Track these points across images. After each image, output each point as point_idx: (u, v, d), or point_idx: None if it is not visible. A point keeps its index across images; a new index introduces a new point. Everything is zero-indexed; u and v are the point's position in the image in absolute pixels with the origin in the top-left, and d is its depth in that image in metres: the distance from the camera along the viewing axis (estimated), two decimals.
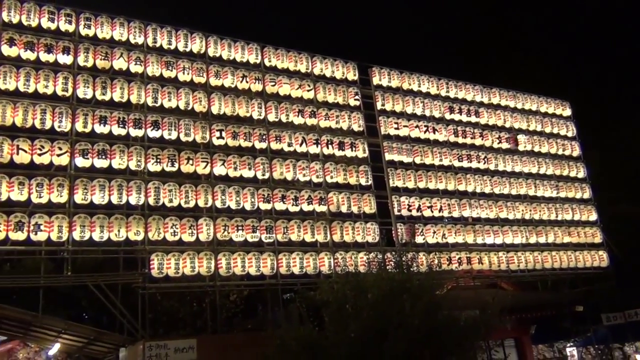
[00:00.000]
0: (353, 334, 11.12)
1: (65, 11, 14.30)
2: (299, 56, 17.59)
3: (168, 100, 14.95)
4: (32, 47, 13.65)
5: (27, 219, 12.38)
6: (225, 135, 15.46)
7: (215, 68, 16.01)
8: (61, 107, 13.54)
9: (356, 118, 17.88)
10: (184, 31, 15.81)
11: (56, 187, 12.84)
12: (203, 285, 14.70)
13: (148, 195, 13.83)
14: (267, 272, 14.80)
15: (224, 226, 14.58)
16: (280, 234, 15.24)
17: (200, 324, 16.78)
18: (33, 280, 13.26)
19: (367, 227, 16.57)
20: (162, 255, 13.61)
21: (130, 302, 13.98)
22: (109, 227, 13.15)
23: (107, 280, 13.48)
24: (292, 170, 16.08)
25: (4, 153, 12.58)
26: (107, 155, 13.68)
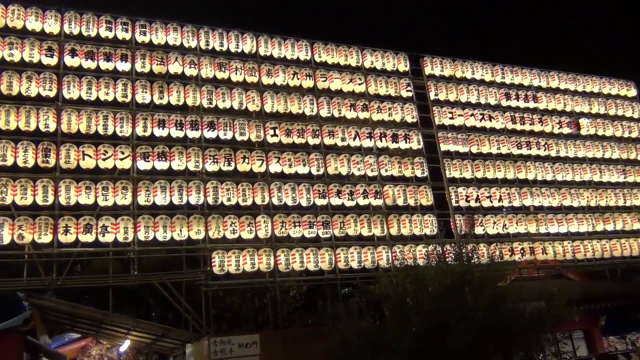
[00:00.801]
0: (414, 328, 10.99)
1: (122, 20, 14.81)
2: (348, 50, 17.53)
3: (222, 101, 15.24)
4: (92, 57, 14.21)
5: (95, 222, 12.93)
6: (279, 133, 15.62)
7: (266, 67, 16.19)
8: (122, 112, 14.05)
9: (409, 109, 17.65)
10: (235, 32, 16.05)
11: (120, 189, 13.35)
12: (263, 282, 14.94)
13: (207, 195, 14.16)
14: (326, 267, 14.87)
15: (282, 223, 14.75)
16: (337, 228, 15.28)
17: (262, 320, 17.05)
18: (102, 280, 13.83)
19: (425, 219, 16.35)
20: (222, 253, 13.92)
21: (194, 299, 14.37)
22: (171, 227, 13.56)
23: (171, 278, 13.90)
24: (346, 165, 16.07)
25: (71, 159, 13.16)
26: (167, 157, 14.09)
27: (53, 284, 13.07)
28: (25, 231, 12.28)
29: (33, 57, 13.63)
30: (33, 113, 13.14)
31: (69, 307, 13.70)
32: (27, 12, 13.90)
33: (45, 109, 13.30)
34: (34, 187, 12.63)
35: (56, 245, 12.61)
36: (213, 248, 13.95)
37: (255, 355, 13.16)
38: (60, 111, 13.44)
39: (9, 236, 12.17)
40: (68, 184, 12.90)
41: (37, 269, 12.81)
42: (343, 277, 15.29)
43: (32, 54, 13.62)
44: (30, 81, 13.38)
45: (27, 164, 12.79)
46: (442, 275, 11.45)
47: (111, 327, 15.57)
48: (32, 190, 12.60)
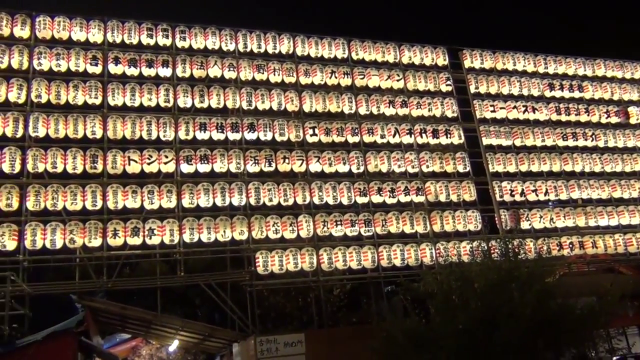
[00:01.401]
0: (461, 325, 10.83)
1: (162, 26, 15.14)
2: (386, 47, 17.41)
3: (261, 102, 15.38)
4: (134, 64, 14.57)
5: (142, 225, 13.25)
6: (319, 132, 15.65)
7: (304, 67, 16.25)
8: (164, 117, 14.36)
9: (449, 104, 17.40)
10: (272, 34, 16.17)
11: (165, 193, 13.65)
12: (307, 281, 15.02)
13: (249, 196, 14.33)
14: (369, 265, 14.82)
15: (323, 222, 14.78)
16: (379, 226, 15.20)
17: (306, 319, 17.15)
18: (150, 282, 14.20)
19: (468, 215, 16.08)
20: (266, 253, 14.06)
21: (239, 299, 14.58)
22: (215, 229, 13.77)
23: (217, 279, 14.12)
24: (386, 162, 15.97)
25: (117, 164, 13.54)
26: (209, 160, 14.32)
27: (104, 286, 13.49)
28: (76, 235, 12.70)
29: (79, 67, 14.08)
30: (80, 121, 13.57)
31: (119, 308, 14.09)
32: (72, 23, 14.36)
33: (91, 116, 13.73)
34: (84, 193, 13.05)
35: (106, 249, 13.00)
36: (256, 248, 14.10)
37: (301, 354, 13.23)
38: (106, 118, 13.85)
39: (61, 241, 12.61)
40: (115, 189, 13.28)
41: (88, 271, 13.23)
42: (386, 275, 15.24)
43: (78, 63, 14.07)
44: (76, 90, 13.83)
45: (76, 171, 13.22)
46: (488, 272, 11.24)
47: (160, 328, 15.94)
48: (82, 196, 13.01)
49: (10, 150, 12.89)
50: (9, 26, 13.85)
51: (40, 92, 13.54)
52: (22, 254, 12.44)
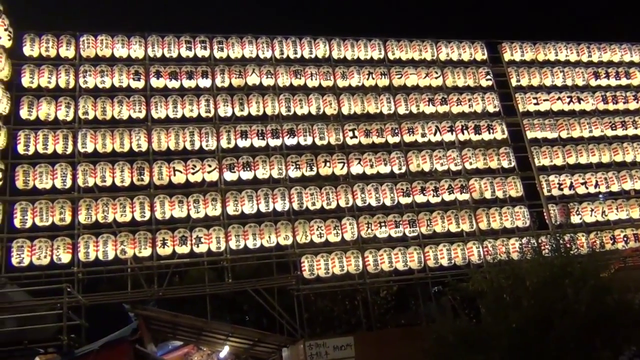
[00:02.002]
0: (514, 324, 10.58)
1: (200, 38, 15.43)
2: (422, 44, 17.23)
3: (300, 107, 15.46)
4: (175, 76, 14.90)
5: (189, 233, 13.52)
6: (358, 134, 15.62)
7: (341, 69, 16.25)
8: (206, 127, 14.62)
9: (490, 99, 17.07)
10: (308, 39, 16.24)
11: (210, 201, 13.88)
12: (353, 284, 14.98)
13: (292, 201, 14.41)
14: (415, 266, 14.67)
15: (367, 224, 14.73)
16: (423, 226, 15.03)
17: (354, 321, 17.11)
18: (200, 289, 14.44)
19: (515, 211, 15.71)
20: (311, 257, 14.11)
21: (287, 304, 14.65)
22: (260, 235, 13.92)
23: (264, 284, 14.25)
24: (428, 161, 15.78)
25: (163, 175, 13.85)
26: (251, 167, 14.49)
27: (155, 295, 13.79)
28: (126, 246, 13.06)
29: (122, 82, 14.49)
30: (126, 134, 13.97)
31: (171, 316, 14.38)
32: (114, 40, 14.80)
33: (136, 129, 14.11)
34: (132, 204, 13.41)
35: (155, 258, 13.33)
36: (302, 253, 14.17)
37: (350, 357, 13.18)
38: (150, 131, 14.20)
39: (112, 252, 13.00)
40: (162, 199, 13.59)
41: (140, 281, 13.57)
42: (433, 275, 15.04)
43: (121, 79, 14.49)
44: (121, 105, 14.23)
45: (124, 183, 13.60)
46: (539, 269, 10.94)
47: (210, 334, 16.17)
48: (131, 207, 13.38)
49: (61, 166, 13.37)
50: (55, 47, 14.36)
51: (87, 108, 14.00)
52: (76, 266, 12.88)
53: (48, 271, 12.75)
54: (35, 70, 14.00)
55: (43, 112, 13.72)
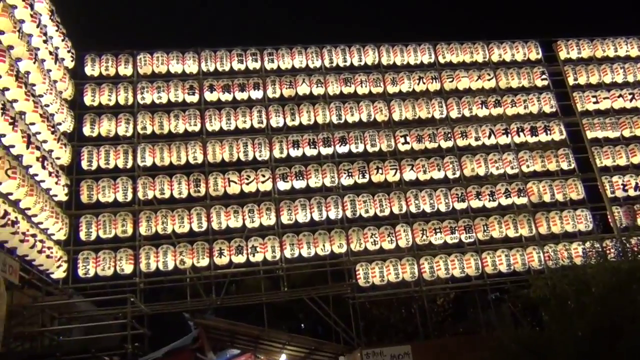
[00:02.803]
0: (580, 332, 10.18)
1: (251, 51, 15.71)
2: (473, 46, 16.93)
3: (351, 115, 15.47)
4: (228, 89, 15.22)
5: (245, 243, 13.73)
6: (410, 140, 15.48)
7: (390, 76, 16.17)
8: (259, 138, 14.84)
9: (546, 99, 16.56)
10: (357, 46, 16.26)
11: (264, 211, 14.06)
12: (409, 291, 14.80)
13: (345, 209, 14.41)
14: (472, 272, 14.35)
15: (422, 230, 14.54)
16: (480, 232, 14.71)
17: (411, 330, 16.88)
18: (256, 298, 14.63)
19: (577, 214, 15.14)
20: (366, 265, 14.04)
21: (342, 312, 14.63)
22: (314, 243, 13.98)
23: (319, 293, 14.30)
24: (483, 165, 15.45)
25: (218, 186, 14.15)
26: (304, 176, 14.59)
27: (213, 304, 14.06)
28: (185, 256, 13.39)
29: (178, 97, 14.93)
30: (182, 148, 14.36)
31: (229, 324, 14.63)
32: (169, 57, 15.27)
33: (192, 142, 14.48)
34: (190, 216, 13.75)
35: (213, 268, 13.58)
36: (356, 260, 14.13)
37: None
38: (205, 143, 14.55)
39: (172, 262, 13.34)
40: (218, 210, 13.87)
41: (198, 290, 13.88)
42: (492, 282, 14.69)
43: (177, 94, 14.92)
44: (177, 119, 14.66)
45: (181, 195, 13.98)
46: (605, 274, 10.50)
47: (267, 343, 16.34)
48: (188, 219, 13.72)
49: (122, 180, 13.87)
50: (114, 66, 14.96)
51: (145, 124, 14.49)
52: (138, 277, 13.30)
53: (112, 282, 13.22)
54: (97, 88, 14.62)
55: (104, 129, 14.29)
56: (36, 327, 11.75)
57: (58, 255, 12.10)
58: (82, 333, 13.68)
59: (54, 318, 12.73)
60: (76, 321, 13.39)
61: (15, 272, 9.82)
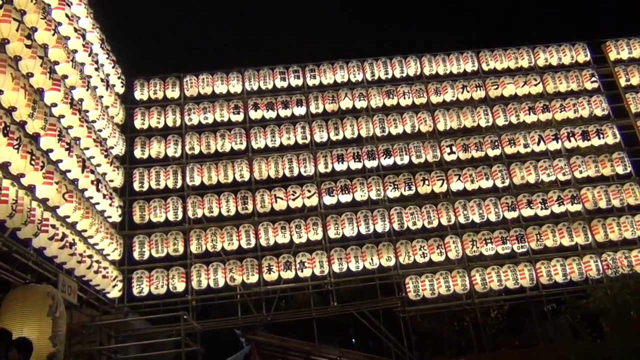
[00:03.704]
0: None
1: (293, 68, 15.90)
2: (518, 52, 16.60)
3: (394, 127, 15.40)
4: (272, 107, 15.43)
5: (293, 258, 13.78)
6: (456, 150, 15.26)
7: (433, 85, 16.03)
8: (303, 153, 14.95)
9: (597, 102, 16.04)
10: (398, 58, 16.20)
11: (311, 226, 14.11)
12: (461, 304, 14.51)
13: (392, 221, 14.30)
14: (527, 283, 13.94)
15: (472, 241, 14.26)
16: (533, 241, 14.30)
17: (464, 343, 16.50)
18: (306, 313, 14.63)
19: (636, 220, 14.51)
20: (415, 278, 13.86)
21: (393, 326, 14.44)
22: (362, 257, 13.91)
23: (369, 307, 14.18)
24: (533, 172, 15.04)
25: (265, 203, 14.30)
26: (349, 189, 14.58)
27: (264, 320, 14.15)
28: (235, 273, 13.56)
29: (223, 117, 15.23)
30: (229, 166, 14.61)
31: (280, 340, 14.68)
32: (214, 78, 15.62)
33: (238, 160, 14.72)
34: (238, 233, 13.93)
35: (262, 284, 13.70)
36: (405, 274, 13.97)
37: None
38: (251, 161, 14.76)
39: (222, 279, 13.53)
40: (266, 226, 14.00)
41: (249, 306, 14.00)
42: (548, 292, 14.19)
43: (222, 114, 15.23)
44: (223, 138, 14.94)
45: (229, 213, 14.19)
46: None
47: (319, 358, 16.25)
48: (237, 236, 13.90)
49: (173, 199, 14.21)
50: (162, 89, 15.42)
51: (192, 144, 14.84)
52: (190, 294, 13.55)
53: (165, 299, 13.51)
54: (146, 112, 15.09)
55: (154, 150, 14.72)
56: (94, 345, 12.11)
57: (113, 275, 12.47)
58: (138, 351, 14.04)
59: (111, 336, 13.10)
60: (132, 339, 13.75)
61: (74, 292, 10.16)
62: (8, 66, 7.80)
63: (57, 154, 9.44)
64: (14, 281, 8.64)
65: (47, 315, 7.84)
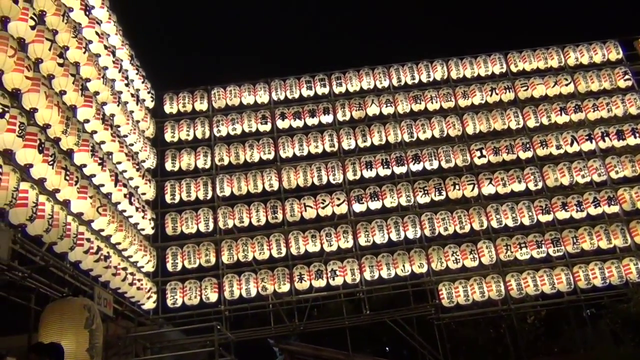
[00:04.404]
0: None
1: (319, 77, 15.92)
2: (547, 52, 16.31)
3: (423, 132, 15.26)
4: (299, 116, 15.47)
5: (324, 267, 13.75)
6: (486, 153, 15.04)
7: (461, 89, 15.86)
8: (332, 161, 14.94)
9: (632, 100, 15.61)
10: (424, 62, 16.08)
11: (342, 234, 14.06)
12: (496, 310, 14.21)
13: (423, 227, 14.15)
14: (564, 288, 13.61)
15: (505, 246, 14.00)
16: (569, 245, 13.95)
17: (501, 351, 16.13)
18: (339, 322, 14.54)
19: None
20: (449, 284, 13.68)
21: (427, 334, 14.26)
22: (393, 264, 13.78)
23: (402, 314, 14.03)
24: (567, 174, 14.71)
25: (295, 212, 14.31)
26: (379, 196, 14.48)
27: (296, 329, 14.13)
28: (267, 283, 13.59)
29: (251, 127, 15.34)
30: (259, 176, 14.68)
31: (314, 350, 14.64)
32: (242, 89, 15.76)
33: (267, 170, 14.79)
34: (269, 242, 13.96)
35: (294, 293, 13.69)
36: (438, 280, 13.80)
37: None
38: (280, 170, 14.81)
39: (254, 289, 13.57)
40: (296, 235, 14.01)
41: (281, 316, 14.00)
42: (586, 297, 13.82)
43: (250, 124, 15.34)
44: (252, 149, 15.04)
45: (260, 222, 14.25)
46: None
47: None
48: (268, 245, 13.93)
49: (204, 211, 14.35)
50: (190, 102, 15.62)
51: (222, 155, 14.98)
52: (223, 304, 13.62)
53: (198, 310, 13.62)
54: (175, 125, 15.31)
55: (184, 163, 14.90)
56: (130, 357, 12.25)
57: (148, 286, 12.63)
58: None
59: (147, 347, 13.24)
60: (167, 350, 13.87)
61: (110, 304, 10.32)
62: (42, 84, 8.01)
63: (90, 168, 9.64)
64: (52, 295, 8.83)
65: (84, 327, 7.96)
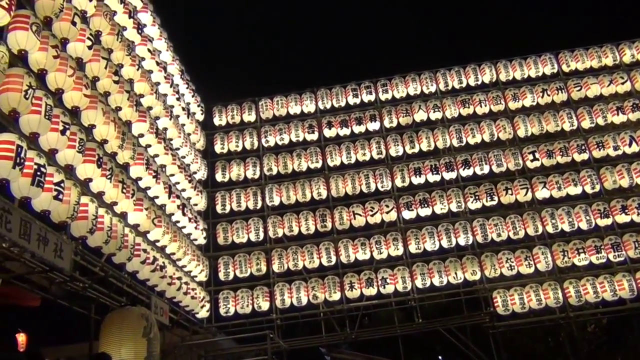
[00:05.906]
0: None
1: (365, 84, 15.90)
2: (601, 50, 15.73)
3: (472, 136, 14.99)
4: (345, 124, 15.48)
5: (374, 275, 13.65)
6: (540, 156, 14.62)
7: (511, 91, 15.50)
8: (379, 169, 14.86)
9: None
10: (472, 66, 15.81)
11: (391, 241, 13.94)
12: (554, 318, 13.74)
13: (475, 234, 13.87)
14: (626, 295, 13.04)
15: (562, 251, 13.54)
16: (630, 249, 13.35)
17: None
18: (390, 331, 14.42)
19: None
20: (503, 292, 13.33)
21: (482, 343, 13.93)
22: (445, 271, 13.56)
23: (455, 323, 13.78)
24: (626, 176, 14.10)
25: (344, 220, 14.30)
26: (428, 203, 14.31)
27: (348, 338, 14.07)
28: (317, 291, 13.61)
29: (299, 137, 15.46)
30: (307, 185, 14.76)
31: (366, 358, 14.55)
32: (288, 99, 15.91)
33: (315, 179, 14.85)
34: (319, 251, 14.00)
35: (345, 301, 13.65)
36: (492, 287, 13.47)
37: None
38: (328, 179, 14.85)
39: (305, 297, 13.62)
40: (345, 243, 13.99)
41: (332, 324, 13.98)
42: None
43: (298, 134, 15.46)
44: (300, 158, 15.15)
45: (309, 231, 14.31)
46: None
47: None
48: (317, 254, 13.97)
49: (254, 220, 14.54)
50: (239, 114, 15.88)
51: (270, 165, 15.15)
52: (274, 313, 13.72)
53: (251, 319, 13.78)
54: (225, 137, 15.60)
55: (234, 174, 15.15)
56: None
57: (201, 295, 12.88)
58: None
59: (201, 356, 13.48)
60: (221, 358, 14.09)
61: (166, 313, 10.58)
62: (99, 102, 8.35)
63: (145, 181, 9.96)
64: (111, 304, 9.13)
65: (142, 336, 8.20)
